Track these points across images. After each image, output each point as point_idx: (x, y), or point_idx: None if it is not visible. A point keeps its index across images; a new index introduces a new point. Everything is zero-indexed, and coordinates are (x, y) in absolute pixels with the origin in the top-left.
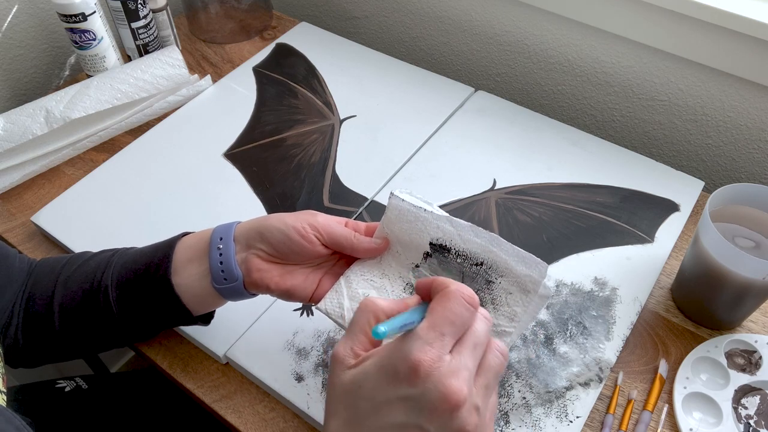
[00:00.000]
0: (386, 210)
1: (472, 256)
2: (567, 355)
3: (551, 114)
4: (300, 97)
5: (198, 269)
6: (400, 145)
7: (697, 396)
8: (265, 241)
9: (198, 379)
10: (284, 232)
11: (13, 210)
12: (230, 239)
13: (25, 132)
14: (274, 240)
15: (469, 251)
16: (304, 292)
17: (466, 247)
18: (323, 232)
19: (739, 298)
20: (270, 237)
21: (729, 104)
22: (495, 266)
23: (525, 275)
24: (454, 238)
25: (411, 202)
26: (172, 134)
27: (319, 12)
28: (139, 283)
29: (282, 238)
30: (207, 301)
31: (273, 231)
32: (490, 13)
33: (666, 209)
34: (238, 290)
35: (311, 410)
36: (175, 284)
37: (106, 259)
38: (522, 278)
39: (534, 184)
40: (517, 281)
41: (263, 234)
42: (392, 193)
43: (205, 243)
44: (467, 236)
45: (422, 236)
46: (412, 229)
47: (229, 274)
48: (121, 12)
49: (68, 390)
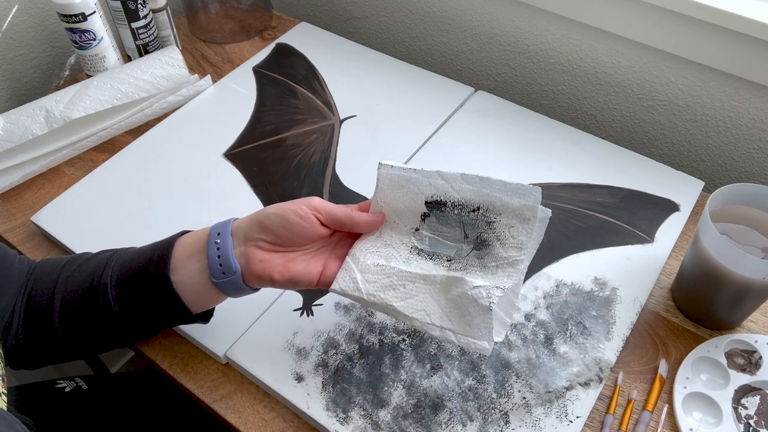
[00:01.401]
0: (377, 182)
1: (468, 204)
2: (567, 355)
3: (551, 114)
4: (300, 97)
5: (197, 265)
6: (400, 146)
7: (697, 396)
8: (264, 229)
9: (198, 379)
10: (283, 216)
11: (13, 210)
12: (227, 234)
13: (25, 132)
14: (273, 226)
15: (464, 200)
16: (309, 277)
17: (460, 196)
18: (321, 211)
19: (739, 298)
20: (269, 224)
21: (729, 104)
22: (491, 207)
23: (521, 205)
24: (447, 190)
25: (400, 167)
26: (172, 134)
27: (319, 12)
28: (139, 281)
29: (281, 222)
30: (206, 297)
31: (271, 217)
32: (490, 13)
33: (666, 209)
34: (237, 284)
35: (311, 410)
36: (174, 281)
37: (106, 258)
38: (519, 209)
39: (534, 184)
40: (516, 213)
41: (262, 222)
42: (380, 163)
43: (203, 239)
44: (459, 186)
45: (417, 198)
46: (406, 194)
47: (227, 268)
48: (121, 12)
49: (68, 390)
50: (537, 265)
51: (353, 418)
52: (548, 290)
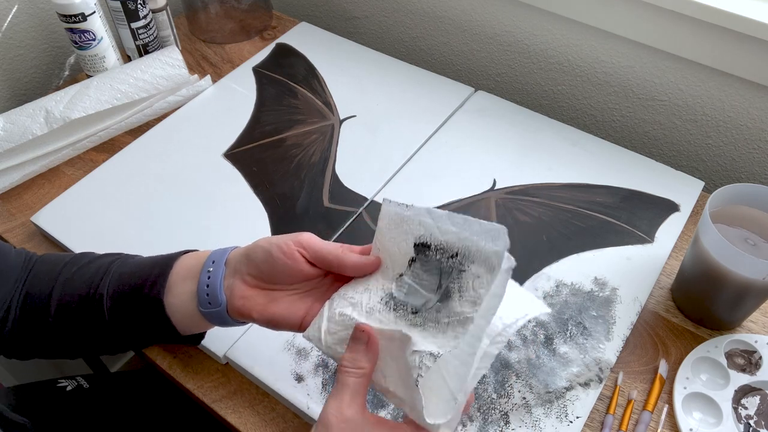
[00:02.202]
0: (378, 221)
1: (449, 248)
2: (567, 356)
3: (551, 114)
4: (300, 97)
5: (191, 288)
6: (400, 145)
7: (697, 396)
8: (250, 262)
9: (198, 379)
10: (267, 250)
11: (13, 210)
12: (221, 263)
13: (25, 132)
14: (257, 259)
15: (446, 243)
16: (290, 320)
17: (444, 238)
18: (307, 247)
19: (739, 298)
20: (255, 257)
21: (729, 104)
22: (467, 253)
23: (491, 252)
24: (433, 231)
25: (397, 202)
26: (172, 134)
27: (319, 12)
28: (133, 298)
29: (264, 256)
30: (195, 322)
31: (257, 250)
32: (490, 13)
33: (666, 209)
34: (222, 316)
35: (311, 410)
36: (167, 303)
37: (106, 265)
38: (489, 255)
39: (534, 184)
40: (485, 261)
41: (249, 255)
42: (384, 199)
43: (200, 264)
44: (445, 226)
45: (408, 239)
46: (399, 234)
47: (213, 299)
48: (121, 12)
49: (69, 389)
50: (537, 265)
51: None
52: (548, 290)
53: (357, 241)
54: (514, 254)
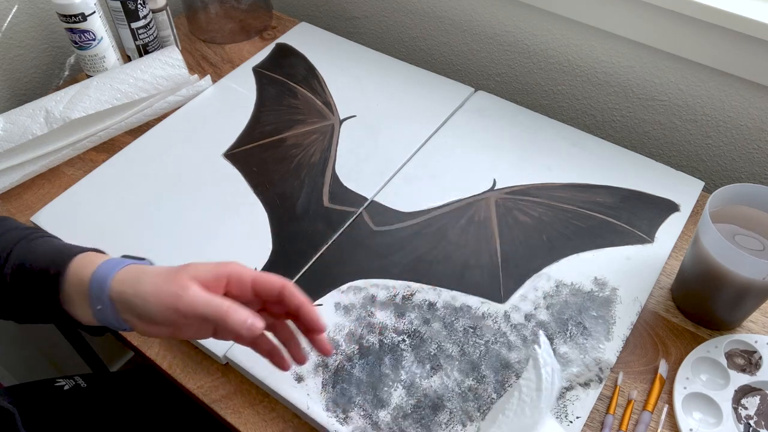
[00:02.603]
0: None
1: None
2: (567, 356)
3: (551, 114)
4: (300, 97)
5: (87, 309)
6: (400, 145)
7: (697, 396)
8: (135, 310)
9: (198, 379)
10: (148, 303)
11: (13, 210)
12: (106, 301)
13: (25, 132)
14: (141, 311)
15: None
16: (205, 336)
17: None
18: (189, 305)
19: (739, 298)
20: (138, 309)
21: (729, 104)
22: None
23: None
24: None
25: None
26: (172, 134)
27: (319, 12)
28: (32, 278)
29: (146, 310)
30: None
31: (137, 302)
32: (490, 13)
33: (666, 209)
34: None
35: (311, 410)
36: (67, 309)
37: (17, 238)
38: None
39: (534, 184)
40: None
41: (130, 305)
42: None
43: (86, 290)
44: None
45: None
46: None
47: (112, 325)
48: (121, 12)
49: (67, 389)
50: (537, 265)
51: (353, 419)
52: (548, 290)
53: (357, 241)
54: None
